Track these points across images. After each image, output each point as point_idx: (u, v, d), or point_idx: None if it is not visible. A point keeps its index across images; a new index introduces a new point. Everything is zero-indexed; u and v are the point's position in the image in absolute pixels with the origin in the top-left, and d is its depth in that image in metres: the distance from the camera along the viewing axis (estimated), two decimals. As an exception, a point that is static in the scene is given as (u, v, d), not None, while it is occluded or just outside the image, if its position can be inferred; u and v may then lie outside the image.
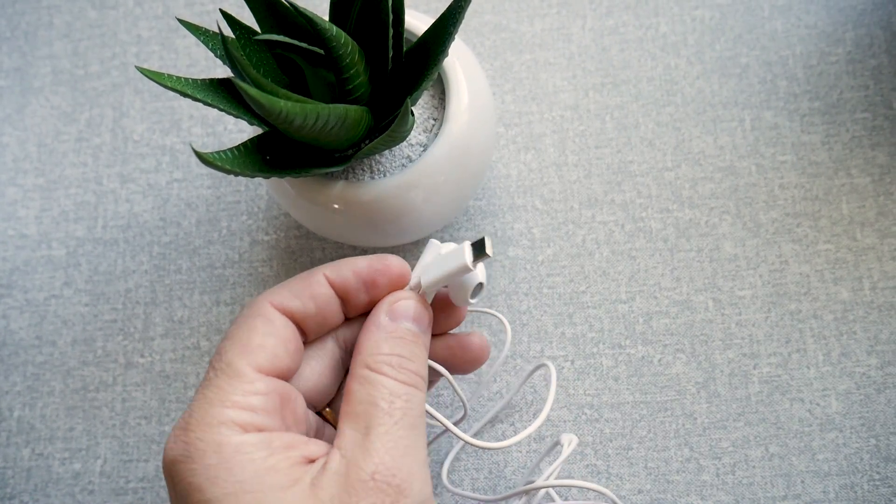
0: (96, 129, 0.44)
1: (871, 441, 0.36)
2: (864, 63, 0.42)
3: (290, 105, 0.27)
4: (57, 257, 0.42)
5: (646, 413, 0.38)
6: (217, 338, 0.40)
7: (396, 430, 0.26)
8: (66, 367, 0.41)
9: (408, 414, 0.26)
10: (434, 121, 0.35)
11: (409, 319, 0.28)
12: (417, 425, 0.26)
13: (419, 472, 0.25)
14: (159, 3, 0.46)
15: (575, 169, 0.41)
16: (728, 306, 0.39)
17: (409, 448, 0.26)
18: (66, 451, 0.39)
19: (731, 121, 0.41)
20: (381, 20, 0.30)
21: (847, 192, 0.40)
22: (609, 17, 0.43)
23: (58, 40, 0.46)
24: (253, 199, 0.42)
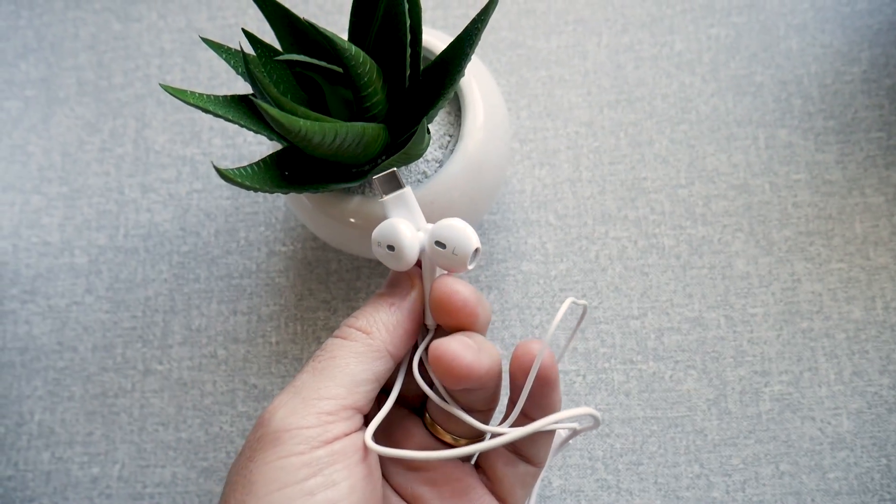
0: (119, 139, 0.45)
1: (882, 461, 0.36)
2: (880, 82, 0.42)
3: (310, 124, 0.28)
4: (79, 265, 0.43)
5: (656, 429, 0.38)
6: (234, 346, 0.41)
7: (296, 375, 0.27)
8: (87, 372, 0.41)
9: (314, 360, 0.28)
10: (450, 137, 0.36)
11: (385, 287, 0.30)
12: (322, 368, 0.27)
13: (290, 405, 0.26)
14: (182, 16, 0.47)
15: (589, 185, 0.42)
16: (740, 324, 0.39)
17: (294, 388, 0.27)
18: (85, 456, 0.40)
19: (745, 139, 0.41)
20: (398, 39, 0.31)
21: (861, 211, 0.40)
22: (624, 34, 0.44)
23: (83, 52, 0.47)
24: (271, 211, 0.43)
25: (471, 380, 0.27)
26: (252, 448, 0.26)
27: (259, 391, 0.40)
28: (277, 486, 0.25)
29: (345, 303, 0.41)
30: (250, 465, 0.26)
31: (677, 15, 0.44)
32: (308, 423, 0.26)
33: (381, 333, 0.28)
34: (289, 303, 0.41)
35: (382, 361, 0.28)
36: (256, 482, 0.25)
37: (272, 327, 0.41)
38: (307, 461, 0.25)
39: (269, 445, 0.26)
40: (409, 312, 0.29)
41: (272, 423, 0.26)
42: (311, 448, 0.26)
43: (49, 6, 0.48)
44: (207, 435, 0.40)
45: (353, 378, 0.27)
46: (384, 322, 0.29)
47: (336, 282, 0.41)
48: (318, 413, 0.26)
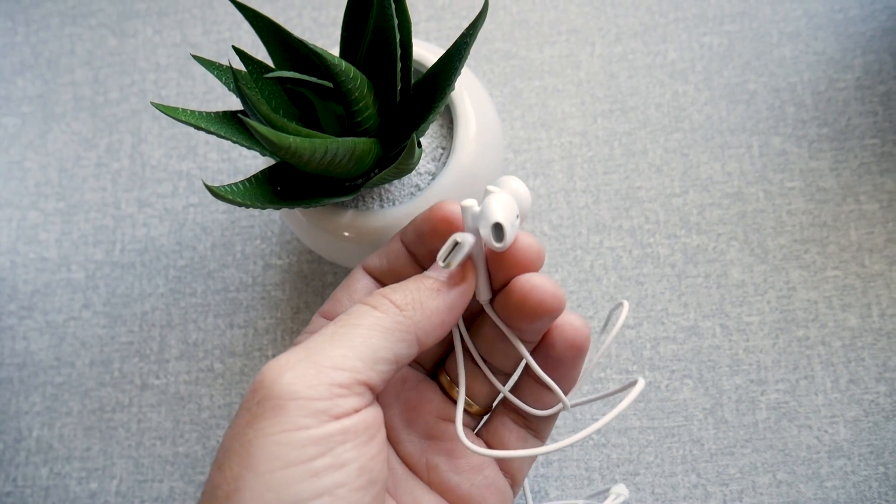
0: (115, 154, 0.45)
1: (879, 469, 0.36)
2: (873, 89, 0.42)
3: (299, 140, 0.28)
4: (76, 280, 0.43)
5: (653, 439, 0.38)
6: (231, 360, 0.41)
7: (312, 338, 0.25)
8: (84, 387, 0.41)
9: (336, 324, 0.25)
10: (443, 149, 0.36)
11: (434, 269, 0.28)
12: (343, 335, 0.25)
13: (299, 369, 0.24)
14: (177, 31, 0.47)
15: (583, 195, 0.42)
16: (735, 332, 0.39)
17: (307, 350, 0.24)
18: (83, 471, 0.40)
19: (739, 147, 0.42)
20: (389, 54, 0.31)
21: (855, 218, 0.40)
22: (618, 44, 0.44)
23: (79, 68, 0.47)
24: (266, 224, 0.43)
25: (560, 309, 0.26)
26: (251, 412, 0.23)
27: (256, 405, 0.40)
28: (280, 465, 0.22)
29: (341, 315, 0.41)
30: (248, 431, 0.23)
31: (670, 24, 0.44)
32: (318, 393, 0.23)
33: (416, 315, 0.26)
34: (285, 316, 0.41)
35: (407, 344, 0.26)
36: (255, 456, 0.23)
37: (269, 340, 0.41)
38: (315, 437, 0.23)
39: (270, 413, 0.23)
40: (451, 303, 0.27)
41: (276, 387, 0.23)
42: (320, 423, 0.23)
43: (45, 23, 0.48)
44: (205, 449, 0.40)
45: (374, 353, 0.25)
46: (423, 303, 0.26)
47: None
48: (329, 384, 0.24)
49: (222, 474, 0.23)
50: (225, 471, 0.23)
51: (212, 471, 0.24)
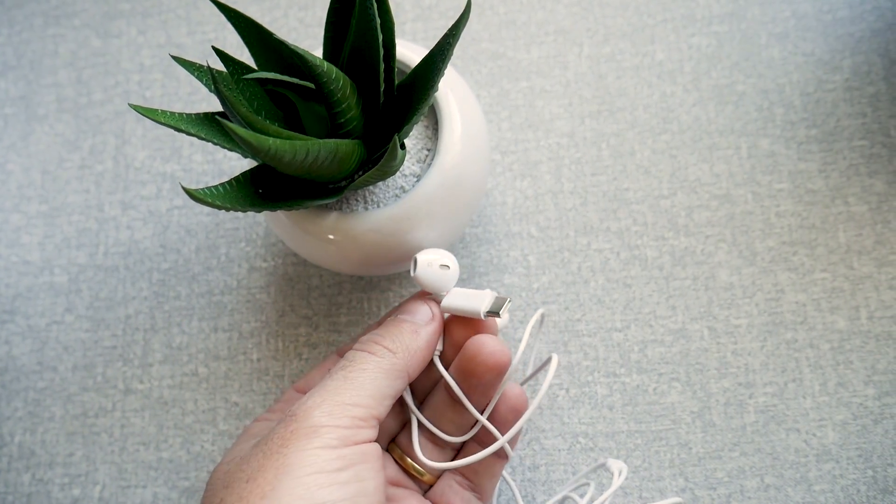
0: (99, 156, 0.45)
1: (868, 472, 0.36)
2: (862, 90, 0.41)
3: (279, 142, 0.27)
4: (59, 284, 0.43)
5: (640, 442, 0.38)
6: (215, 364, 0.41)
7: (326, 381, 0.30)
8: (67, 392, 0.41)
9: (346, 369, 0.30)
10: (428, 151, 0.35)
11: (403, 312, 0.33)
12: (355, 378, 0.30)
13: (326, 406, 0.29)
14: (162, 32, 0.47)
15: (571, 196, 0.41)
16: (724, 335, 0.39)
17: (327, 391, 0.29)
18: (65, 477, 0.40)
19: (727, 148, 0.41)
20: (372, 55, 0.31)
21: (844, 220, 0.40)
22: (606, 44, 0.44)
23: (62, 69, 0.47)
24: (251, 227, 0.43)
25: (504, 369, 0.32)
26: (285, 438, 0.28)
27: (240, 409, 0.40)
28: (314, 470, 0.27)
29: (326, 318, 0.41)
30: (284, 450, 0.27)
31: (658, 25, 0.44)
32: (343, 423, 0.28)
33: (405, 355, 0.31)
34: (270, 319, 0.41)
35: (402, 381, 0.31)
36: (293, 464, 0.27)
37: (253, 344, 0.41)
38: (340, 454, 0.28)
39: (303, 437, 0.28)
40: (427, 341, 0.32)
41: (309, 420, 0.28)
42: (345, 445, 0.28)
43: (28, 23, 0.48)
44: (189, 454, 0.39)
45: (380, 392, 0.30)
46: (406, 345, 0.32)
47: (317, 297, 0.41)
48: (351, 416, 0.29)
49: (253, 483, 0.27)
50: (258, 479, 0.27)
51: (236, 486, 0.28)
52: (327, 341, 0.40)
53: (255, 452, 0.29)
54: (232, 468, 0.29)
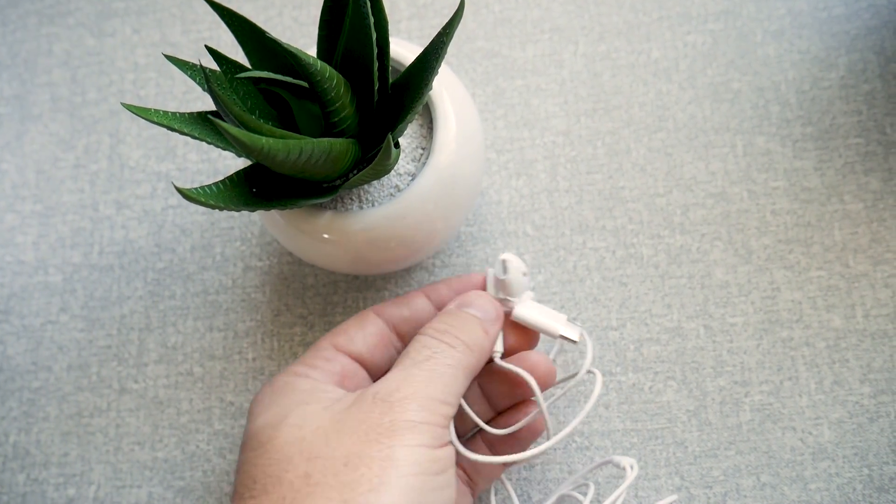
0: (93, 155, 0.45)
1: (863, 471, 0.36)
2: (858, 88, 0.41)
3: (272, 142, 0.27)
4: (53, 283, 0.43)
5: (636, 441, 0.37)
6: (210, 363, 0.41)
7: (412, 368, 0.30)
8: (62, 392, 0.41)
9: (431, 360, 0.30)
10: (422, 150, 0.35)
11: (473, 307, 0.33)
12: (443, 373, 0.30)
13: (421, 399, 0.29)
14: (156, 30, 0.47)
15: (566, 195, 0.41)
16: (719, 333, 0.39)
17: (419, 382, 0.29)
18: (60, 477, 0.40)
19: (722, 146, 0.41)
20: (366, 53, 0.31)
21: (840, 218, 0.40)
22: (601, 42, 0.44)
23: (56, 68, 0.46)
24: (246, 226, 0.43)
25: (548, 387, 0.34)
26: (384, 428, 0.28)
27: (236, 408, 0.40)
28: (419, 470, 0.27)
29: (322, 318, 0.41)
30: (388, 442, 0.27)
31: (654, 22, 0.44)
32: (437, 422, 0.29)
33: (479, 355, 0.32)
34: (265, 318, 0.41)
35: (471, 380, 0.32)
36: (400, 460, 0.27)
37: (249, 343, 0.41)
38: (437, 457, 0.28)
39: (406, 431, 0.28)
40: (493, 341, 0.33)
41: (406, 412, 0.28)
42: (440, 445, 0.29)
43: (22, 22, 0.48)
44: (184, 454, 0.39)
45: (460, 390, 0.31)
46: (480, 344, 0.32)
47: (313, 297, 0.41)
48: (442, 415, 0.29)
49: (354, 470, 0.27)
50: (360, 466, 0.27)
51: (327, 463, 0.27)
52: (322, 340, 0.40)
53: (343, 431, 0.28)
54: (312, 440, 0.28)
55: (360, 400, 0.29)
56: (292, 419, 0.29)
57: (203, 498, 0.38)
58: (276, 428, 0.29)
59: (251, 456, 0.29)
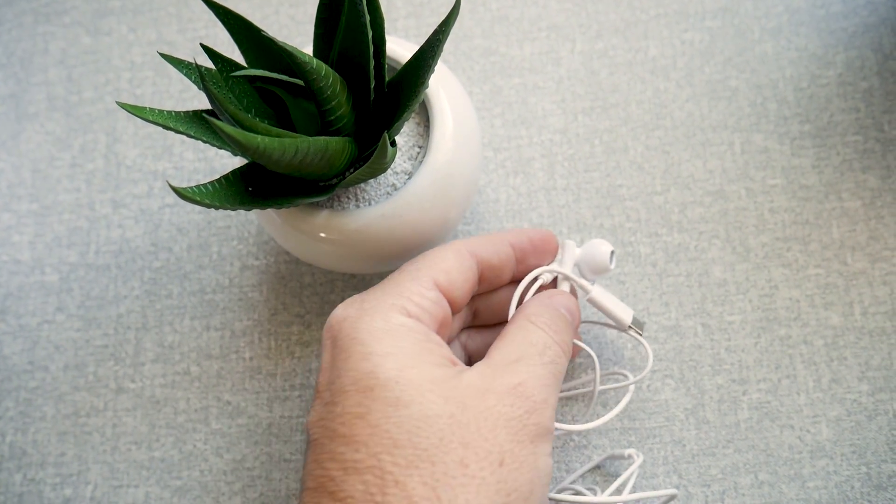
0: (90, 154, 0.45)
1: (862, 469, 0.36)
2: (856, 86, 0.41)
3: (268, 140, 0.27)
4: (50, 283, 0.43)
5: (634, 439, 0.37)
6: (207, 363, 0.40)
7: (542, 369, 0.29)
8: (58, 392, 0.41)
9: (553, 364, 0.29)
10: (419, 148, 0.35)
11: (564, 308, 0.32)
12: (556, 384, 0.29)
13: (551, 407, 0.28)
14: (152, 29, 0.46)
15: (564, 193, 0.41)
16: (717, 331, 0.38)
17: (548, 387, 0.28)
18: (57, 477, 0.40)
19: (720, 144, 0.41)
20: (362, 51, 0.31)
21: (838, 215, 0.40)
22: (598, 40, 0.43)
23: (52, 67, 0.46)
24: (243, 224, 0.42)
25: None
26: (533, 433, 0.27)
27: (233, 408, 0.40)
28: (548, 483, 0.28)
29: (319, 317, 0.41)
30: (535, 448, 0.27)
31: (651, 20, 0.43)
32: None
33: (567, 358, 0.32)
34: (262, 318, 0.41)
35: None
36: (541, 469, 0.27)
37: (246, 343, 0.41)
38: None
39: (546, 438, 0.28)
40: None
41: (547, 419, 0.28)
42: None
43: (18, 21, 0.47)
44: (181, 453, 0.39)
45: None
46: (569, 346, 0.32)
47: (310, 296, 0.41)
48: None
49: (511, 476, 0.26)
50: (514, 474, 0.26)
51: (489, 464, 0.26)
52: (320, 340, 0.40)
53: (490, 420, 0.26)
54: (463, 421, 0.26)
55: (492, 384, 0.27)
56: (427, 383, 0.27)
57: (200, 497, 0.38)
58: (415, 388, 0.27)
59: (387, 410, 0.26)
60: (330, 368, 0.29)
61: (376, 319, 0.29)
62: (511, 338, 0.30)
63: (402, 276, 0.31)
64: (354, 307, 0.30)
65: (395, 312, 0.29)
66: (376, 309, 0.29)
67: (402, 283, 0.30)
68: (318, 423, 0.28)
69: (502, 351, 0.29)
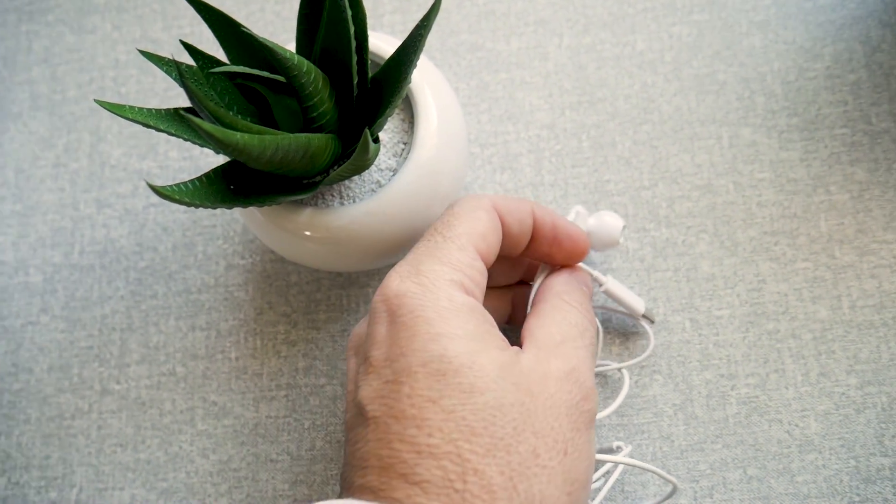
0: (73, 154, 0.44)
1: (850, 462, 0.36)
2: (843, 78, 0.41)
3: (247, 137, 0.27)
4: (34, 284, 0.42)
5: (622, 436, 0.37)
6: (193, 363, 0.40)
7: (585, 352, 0.29)
8: (43, 394, 0.40)
9: (592, 346, 0.30)
10: (404, 145, 0.35)
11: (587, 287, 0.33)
12: (595, 366, 0.30)
13: (596, 392, 0.28)
14: (137, 27, 0.46)
15: (551, 189, 0.41)
16: (705, 326, 0.38)
17: (592, 371, 0.29)
18: (42, 480, 0.39)
19: (708, 138, 0.41)
20: (344, 47, 0.30)
21: (826, 209, 0.39)
22: (586, 34, 0.43)
23: (36, 65, 0.46)
24: (229, 224, 0.42)
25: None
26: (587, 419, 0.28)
27: (219, 408, 0.39)
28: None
29: (305, 315, 0.40)
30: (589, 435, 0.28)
31: (639, 14, 0.43)
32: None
33: None
34: (248, 317, 0.41)
35: None
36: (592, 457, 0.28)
37: (231, 342, 0.40)
38: None
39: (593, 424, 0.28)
40: None
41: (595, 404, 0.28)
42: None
43: (1, 20, 0.47)
44: (167, 455, 0.39)
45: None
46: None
47: (296, 294, 0.41)
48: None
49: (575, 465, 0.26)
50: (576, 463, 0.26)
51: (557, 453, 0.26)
52: (306, 339, 0.40)
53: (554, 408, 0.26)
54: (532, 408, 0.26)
55: (549, 368, 0.27)
56: (499, 369, 0.27)
57: (186, 499, 0.38)
58: (489, 375, 0.26)
59: (461, 397, 0.26)
60: (389, 344, 0.27)
61: (440, 297, 0.28)
62: (550, 318, 0.30)
63: (447, 244, 0.30)
64: (412, 280, 0.28)
65: (457, 290, 0.28)
66: (438, 285, 0.28)
67: (451, 252, 0.29)
68: (380, 400, 0.26)
69: (545, 331, 0.29)
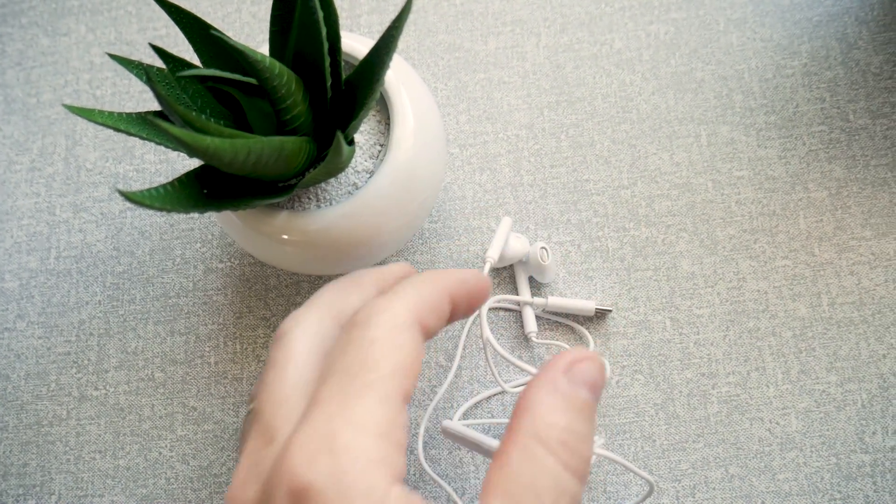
0: (49, 158, 0.44)
1: (831, 460, 0.36)
2: (820, 75, 0.41)
3: (218, 142, 0.27)
4: (9, 290, 0.42)
5: (604, 436, 0.37)
6: (172, 368, 0.40)
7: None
8: (20, 401, 0.40)
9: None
10: (380, 147, 0.35)
11: (588, 387, 0.25)
12: None
13: None
14: (112, 29, 0.46)
15: (530, 189, 0.41)
16: (686, 325, 0.38)
17: None
18: (20, 488, 0.39)
19: (687, 137, 0.41)
20: (317, 49, 0.30)
21: (804, 206, 0.39)
22: (563, 34, 0.43)
23: (10, 69, 0.45)
24: (207, 227, 0.42)
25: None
26: None
27: (198, 413, 0.39)
28: None
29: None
30: None
31: (616, 13, 0.43)
32: None
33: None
34: (227, 321, 0.40)
35: None
36: None
37: (211, 347, 0.40)
38: None
39: None
40: None
41: None
42: None
43: (-27, 23, 0.46)
44: (146, 461, 0.39)
45: None
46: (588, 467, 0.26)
47: (275, 298, 0.40)
48: None
49: None
50: None
51: None
52: (285, 342, 0.40)
53: None
54: None
55: None
56: None
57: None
58: None
59: None
60: None
61: (359, 495, 0.22)
62: (516, 476, 0.23)
63: (367, 394, 0.23)
64: (325, 460, 0.22)
65: (381, 476, 0.22)
66: (357, 473, 0.22)
67: (373, 408, 0.23)
68: None
69: (508, 491, 0.23)
